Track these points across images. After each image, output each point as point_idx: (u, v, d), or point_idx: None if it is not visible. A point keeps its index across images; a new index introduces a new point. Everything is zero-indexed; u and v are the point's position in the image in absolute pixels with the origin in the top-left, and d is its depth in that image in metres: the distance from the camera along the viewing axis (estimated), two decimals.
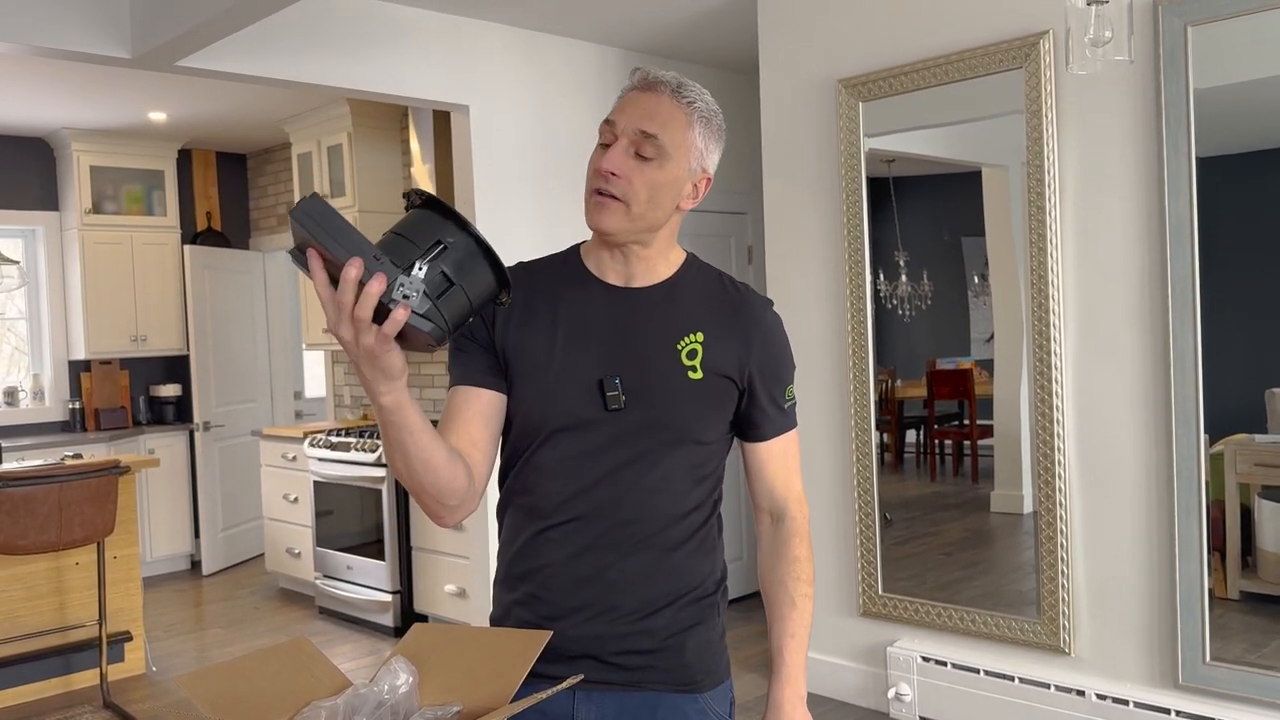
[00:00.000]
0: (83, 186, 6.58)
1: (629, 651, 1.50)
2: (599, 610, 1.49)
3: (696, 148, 1.49)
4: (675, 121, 1.47)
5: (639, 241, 1.51)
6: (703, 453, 1.53)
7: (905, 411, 4.30)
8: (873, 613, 4.01)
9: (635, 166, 1.45)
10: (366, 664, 4.88)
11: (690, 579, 1.53)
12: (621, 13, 4.54)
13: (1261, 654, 3.12)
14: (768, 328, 1.57)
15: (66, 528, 4.16)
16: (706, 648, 1.55)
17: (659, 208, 1.49)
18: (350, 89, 4.24)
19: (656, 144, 1.45)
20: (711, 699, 1.56)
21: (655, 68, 1.53)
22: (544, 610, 1.51)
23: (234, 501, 6.94)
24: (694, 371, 1.49)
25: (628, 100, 1.49)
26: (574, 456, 1.49)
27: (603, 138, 1.49)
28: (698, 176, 1.52)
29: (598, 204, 1.47)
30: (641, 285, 1.54)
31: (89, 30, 3.60)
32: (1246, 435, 3.20)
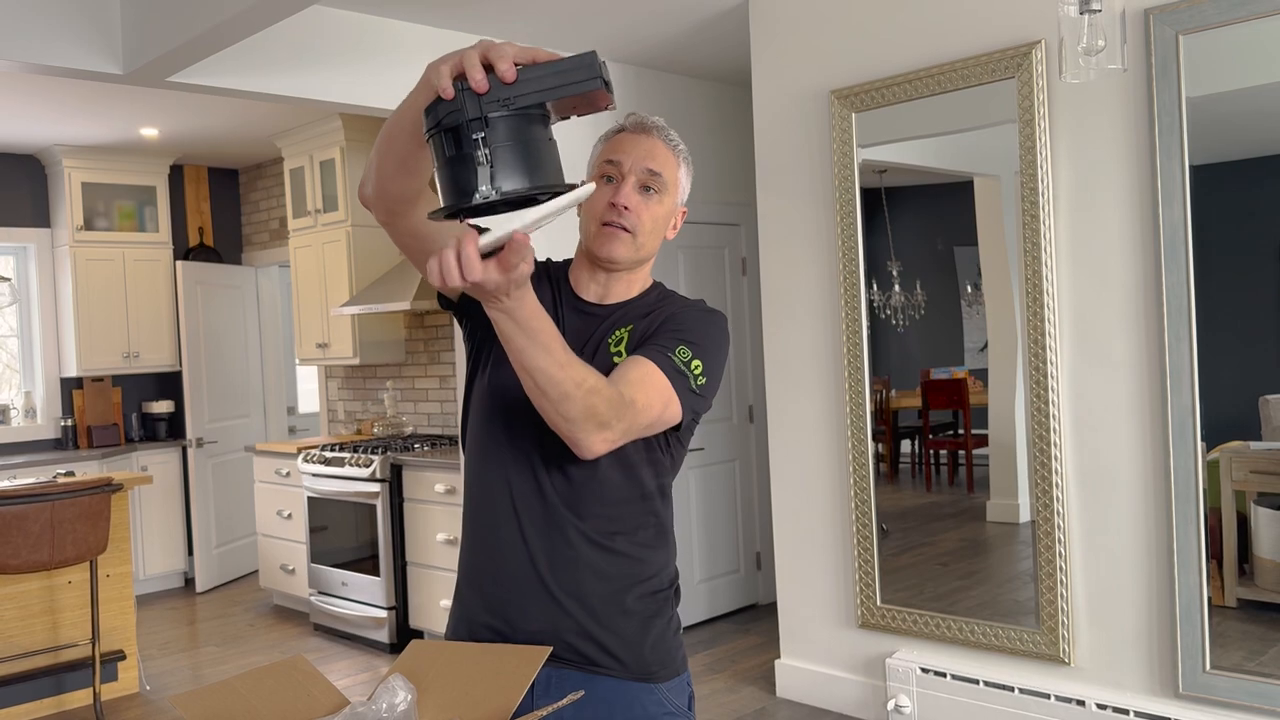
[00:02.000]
0: (74, 203, 6.57)
1: (585, 638, 1.55)
2: (551, 600, 1.55)
3: (682, 185, 1.68)
4: (670, 162, 1.64)
5: (629, 268, 1.64)
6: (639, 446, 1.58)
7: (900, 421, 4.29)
8: (871, 624, 3.99)
9: (643, 201, 1.61)
10: (362, 680, 4.84)
11: (643, 571, 1.60)
12: (614, 26, 4.55)
13: (1260, 661, 3.11)
14: (686, 308, 1.64)
15: (59, 546, 4.13)
16: (661, 640, 1.61)
17: (656, 238, 1.64)
18: (342, 103, 4.24)
19: (660, 180, 1.62)
20: (668, 690, 1.61)
21: (644, 115, 1.67)
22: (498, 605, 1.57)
23: (227, 518, 6.91)
24: (618, 356, 1.58)
25: (627, 141, 1.63)
26: (522, 455, 1.56)
27: (604, 173, 1.62)
28: (679, 211, 1.70)
29: (609, 235, 1.60)
30: (612, 302, 1.66)
31: (81, 46, 3.59)
32: (1241, 442, 3.20)
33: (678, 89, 5.43)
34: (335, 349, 6.03)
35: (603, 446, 1.43)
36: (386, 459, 5.26)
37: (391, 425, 6.11)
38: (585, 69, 1.19)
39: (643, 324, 1.62)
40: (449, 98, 1.15)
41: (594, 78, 1.19)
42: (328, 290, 6.05)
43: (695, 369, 1.54)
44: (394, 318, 6.06)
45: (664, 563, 1.64)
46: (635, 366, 1.50)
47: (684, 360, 1.53)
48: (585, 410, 1.38)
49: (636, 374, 1.49)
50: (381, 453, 5.32)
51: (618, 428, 1.43)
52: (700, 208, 5.50)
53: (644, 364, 1.50)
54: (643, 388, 1.48)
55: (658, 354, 1.52)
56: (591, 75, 1.19)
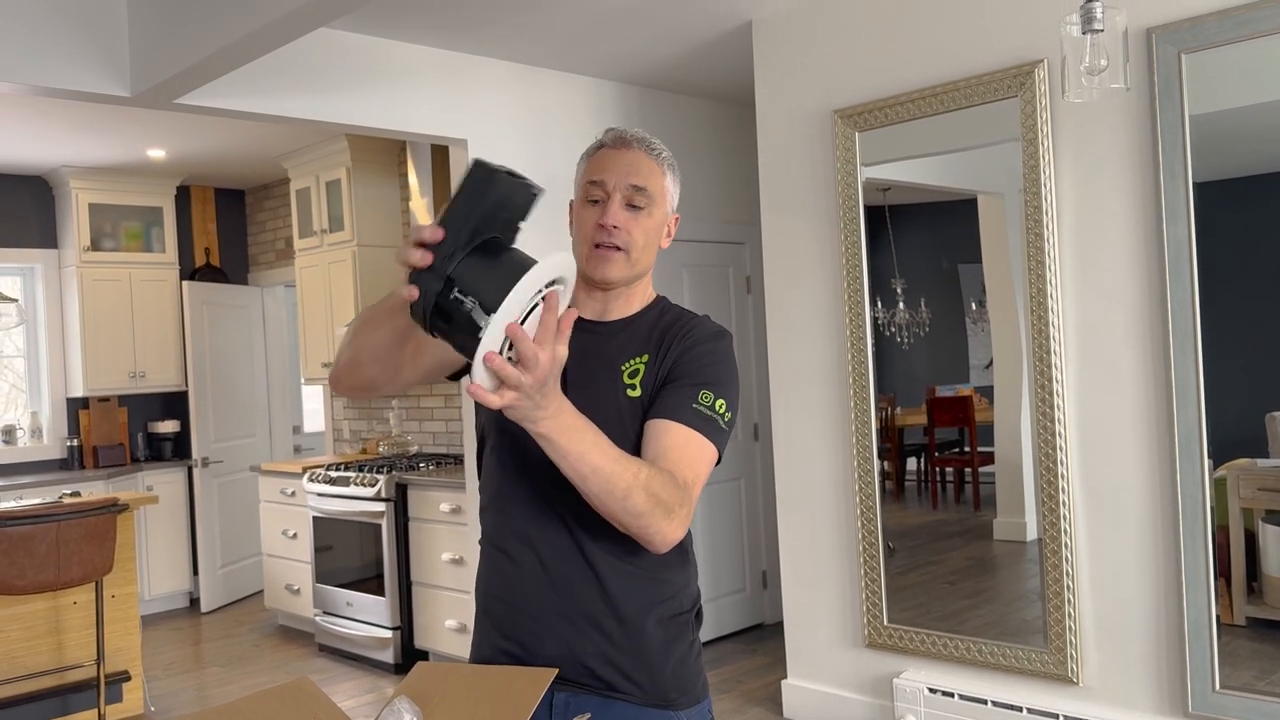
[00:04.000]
0: (81, 224, 6.59)
1: (604, 662, 1.53)
2: (570, 623, 1.53)
3: (670, 193, 1.65)
4: (654, 173, 1.61)
5: (626, 284, 1.63)
6: None
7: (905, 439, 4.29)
8: (878, 644, 3.97)
9: (631, 217, 1.59)
10: (367, 701, 4.83)
11: (662, 593, 1.57)
12: (618, 47, 4.57)
13: (1271, 681, 3.09)
14: (697, 340, 1.60)
15: (65, 567, 4.13)
16: (681, 666, 1.58)
17: (650, 251, 1.63)
18: (348, 124, 4.26)
19: (646, 195, 1.59)
20: (688, 718, 1.58)
21: (622, 129, 1.66)
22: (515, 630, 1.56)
23: (233, 538, 6.90)
24: (633, 390, 1.57)
25: (607, 159, 1.61)
26: (536, 478, 1.54)
27: (590, 195, 1.61)
28: (670, 219, 1.67)
29: (601, 256, 1.59)
30: (609, 320, 1.65)
31: (88, 69, 3.62)
32: (1249, 460, 3.19)
33: (682, 109, 5.45)
34: None
35: (678, 532, 1.44)
36: (392, 478, 5.26)
37: (397, 444, 6.10)
38: (482, 180, 1.27)
39: (657, 358, 1.58)
40: (414, 297, 1.23)
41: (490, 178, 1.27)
42: (333, 310, 6.07)
43: (720, 409, 1.54)
44: None
45: (684, 583, 1.61)
46: (669, 435, 1.50)
47: (708, 405, 1.53)
48: (650, 500, 1.39)
49: (676, 445, 1.49)
50: (387, 472, 5.32)
51: (683, 509, 1.44)
52: (705, 226, 5.51)
53: (676, 430, 1.50)
54: (687, 458, 1.48)
55: (684, 411, 1.51)
56: (488, 182, 1.27)
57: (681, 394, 1.53)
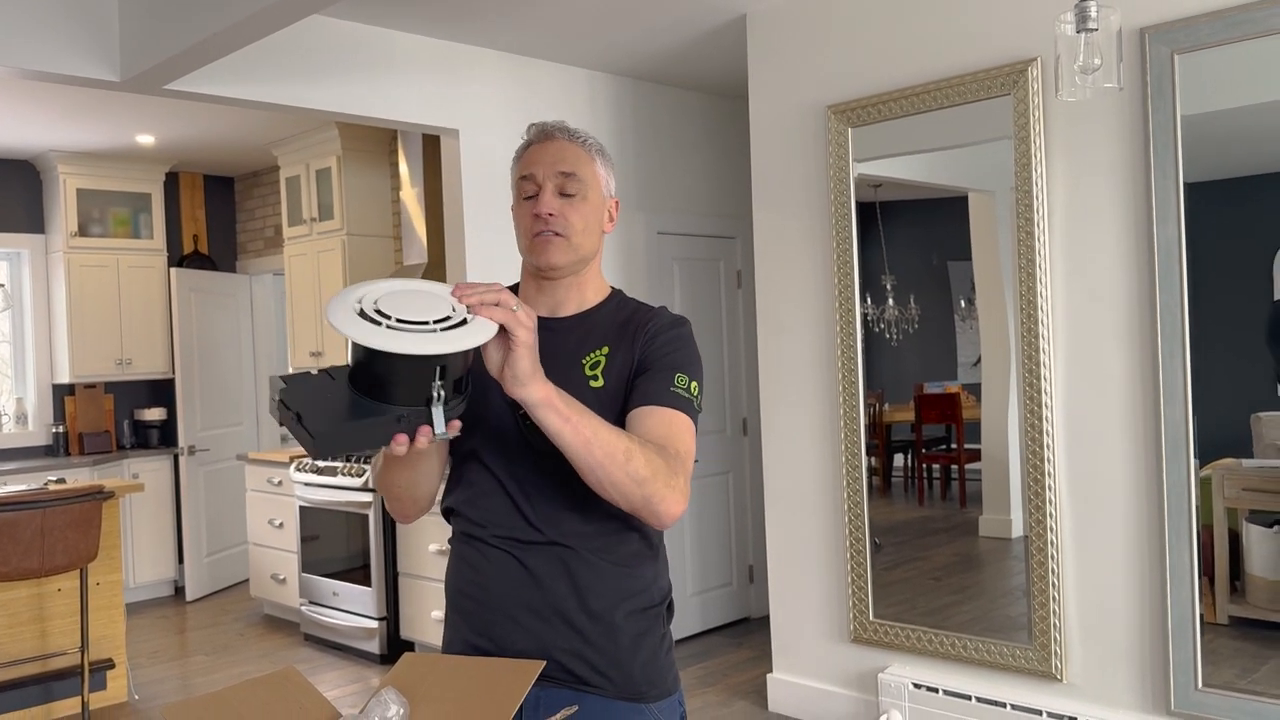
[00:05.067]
0: (69, 209, 6.55)
1: (574, 655, 1.54)
2: (539, 617, 1.54)
3: (602, 177, 1.66)
4: (581, 159, 1.63)
5: (574, 272, 1.64)
6: None
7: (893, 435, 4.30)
8: (864, 639, 3.99)
9: (566, 204, 1.60)
10: (352, 691, 4.82)
11: (632, 586, 1.58)
12: (612, 39, 4.56)
13: (1253, 679, 3.11)
14: (663, 329, 1.63)
15: (49, 554, 4.11)
16: (652, 659, 1.59)
17: (591, 236, 1.63)
18: (339, 113, 4.24)
19: (576, 180, 1.61)
20: (659, 710, 1.59)
21: (542, 122, 1.68)
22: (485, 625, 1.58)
23: (218, 526, 6.88)
24: (595, 380, 1.58)
25: (533, 154, 1.63)
26: (502, 477, 1.57)
27: (524, 192, 1.63)
28: (609, 203, 1.68)
29: (542, 243, 1.60)
30: (567, 314, 1.66)
31: (78, 53, 3.59)
32: (1234, 460, 3.20)
33: (675, 102, 5.44)
34: (330, 358, 6.01)
35: (680, 504, 1.47)
36: None
37: None
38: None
39: (620, 349, 1.60)
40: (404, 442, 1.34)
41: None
42: (322, 298, 6.04)
43: (693, 390, 1.58)
44: None
45: (653, 577, 1.62)
46: (653, 416, 1.53)
47: (684, 387, 1.57)
48: (650, 465, 1.42)
49: (662, 424, 1.52)
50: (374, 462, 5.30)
51: (679, 478, 1.48)
52: (696, 220, 5.50)
53: (659, 412, 1.53)
54: (675, 434, 1.52)
55: (664, 395, 1.55)
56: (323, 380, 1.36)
57: (658, 380, 1.56)
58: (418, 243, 5.66)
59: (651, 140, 5.32)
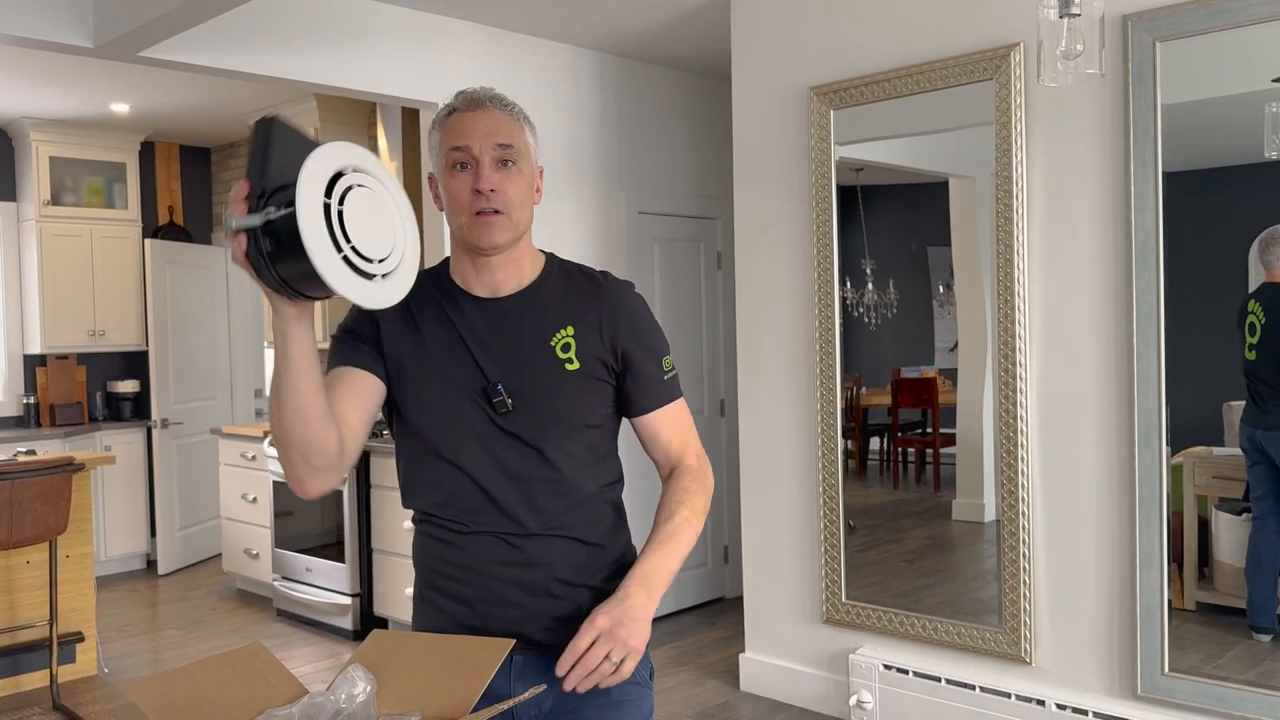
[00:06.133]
0: (41, 177, 6.46)
1: (560, 621, 1.55)
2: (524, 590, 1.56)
3: (532, 146, 1.62)
4: (515, 128, 1.59)
5: (511, 246, 1.60)
6: (596, 435, 1.64)
7: (869, 419, 4.31)
8: (835, 620, 4.01)
9: (504, 177, 1.55)
10: (324, 667, 4.81)
11: (606, 554, 1.63)
12: (595, 15, 4.52)
13: (1217, 665, 3.15)
14: (631, 308, 1.66)
15: (17, 526, 4.07)
16: None
17: (526, 209, 1.60)
18: (317, 84, 4.19)
19: (514, 150, 1.57)
20: None
21: (469, 90, 1.61)
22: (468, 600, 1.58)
23: (191, 500, 6.83)
24: (570, 363, 1.59)
25: (464, 124, 1.56)
26: (479, 478, 1.56)
27: (455, 161, 1.56)
28: (536, 171, 1.64)
29: (484, 223, 1.54)
30: (508, 293, 1.62)
31: (50, 18, 3.52)
32: (1205, 448, 3.23)
33: (658, 80, 5.41)
34: None
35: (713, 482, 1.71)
36: None
37: None
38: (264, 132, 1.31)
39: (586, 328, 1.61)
40: (242, 245, 1.32)
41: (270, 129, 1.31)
42: None
43: (672, 364, 1.71)
44: None
45: (624, 545, 1.68)
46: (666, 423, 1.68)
47: (669, 368, 1.69)
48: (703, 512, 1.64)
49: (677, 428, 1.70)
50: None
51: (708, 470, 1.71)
52: (677, 200, 5.48)
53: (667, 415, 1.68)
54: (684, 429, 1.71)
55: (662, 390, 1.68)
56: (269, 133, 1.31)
57: (651, 374, 1.65)
58: None
59: (634, 118, 5.29)
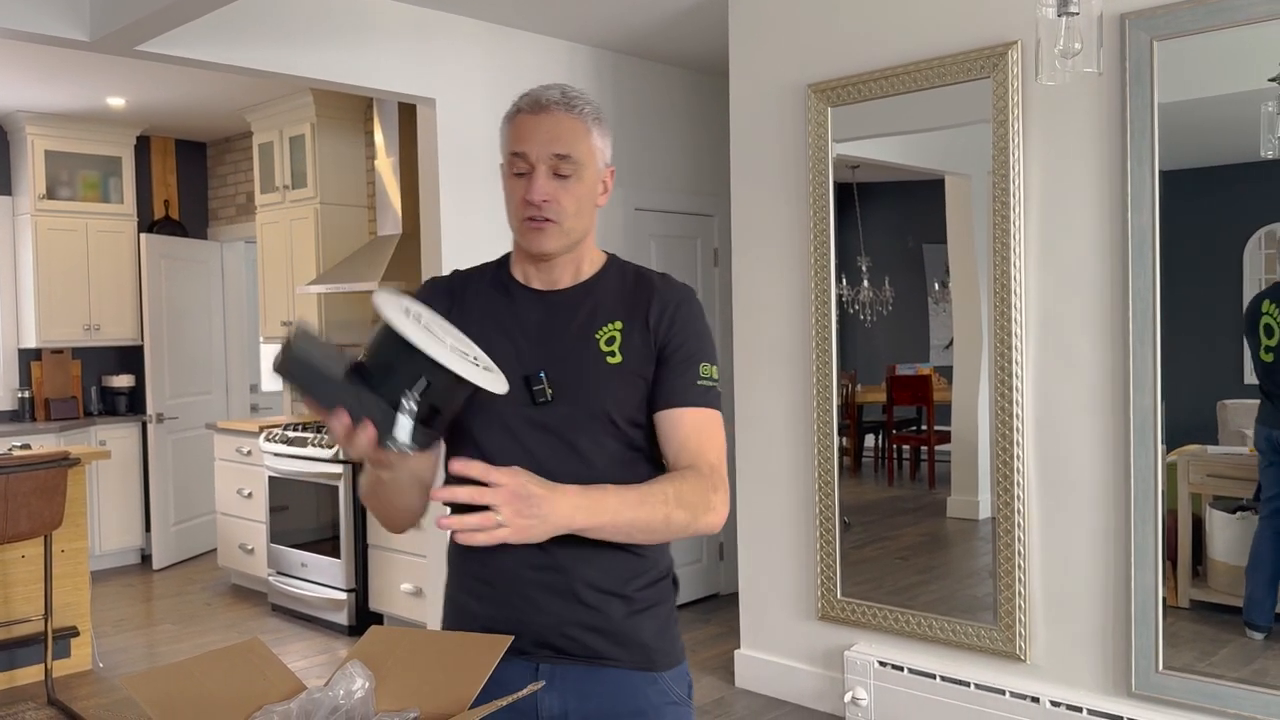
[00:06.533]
0: (37, 171, 6.44)
1: (589, 630, 1.54)
2: (554, 595, 1.53)
3: (599, 149, 1.59)
4: (577, 134, 1.55)
5: (568, 251, 1.60)
6: (637, 435, 1.58)
7: (864, 416, 4.32)
8: (831, 616, 4.01)
9: (559, 187, 1.54)
10: (319, 663, 4.81)
11: (643, 562, 1.58)
12: (592, 10, 4.52)
13: (1211, 662, 3.16)
14: (680, 310, 1.61)
15: (12, 520, 4.06)
16: (664, 629, 1.61)
17: (585, 216, 1.58)
18: (314, 79, 4.18)
19: (571, 161, 1.54)
20: (670, 679, 1.60)
21: (538, 89, 1.58)
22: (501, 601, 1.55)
23: (186, 495, 6.83)
24: (612, 356, 1.56)
25: (524, 127, 1.55)
26: (511, 454, 1.52)
27: (515, 169, 1.56)
28: (605, 174, 1.62)
29: (535, 230, 1.55)
30: (564, 287, 1.63)
31: (47, 11, 3.51)
32: (1199, 446, 3.24)
33: (655, 77, 5.40)
34: None
35: (721, 514, 1.54)
36: None
37: None
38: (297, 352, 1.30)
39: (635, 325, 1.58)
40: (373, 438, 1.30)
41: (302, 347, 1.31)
42: (294, 268, 5.98)
43: (714, 374, 1.61)
44: (361, 298, 6.00)
45: (661, 552, 1.63)
46: (684, 424, 1.56)
47: (707, 376, 1.59)
48: (686, 511, 1.48)
49: (693, 433, 1.56)
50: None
51: (718, 493, 1.53)
52: (674, 197, 5.48)
53: (688, 418, 1.56)
54: (705, 440, 1.56)
55: (691, 394, 1.57)
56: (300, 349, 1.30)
57: (684, 376, 1.57)
58: (392, 213, 5.61)
59: (631, 115, 5.28)
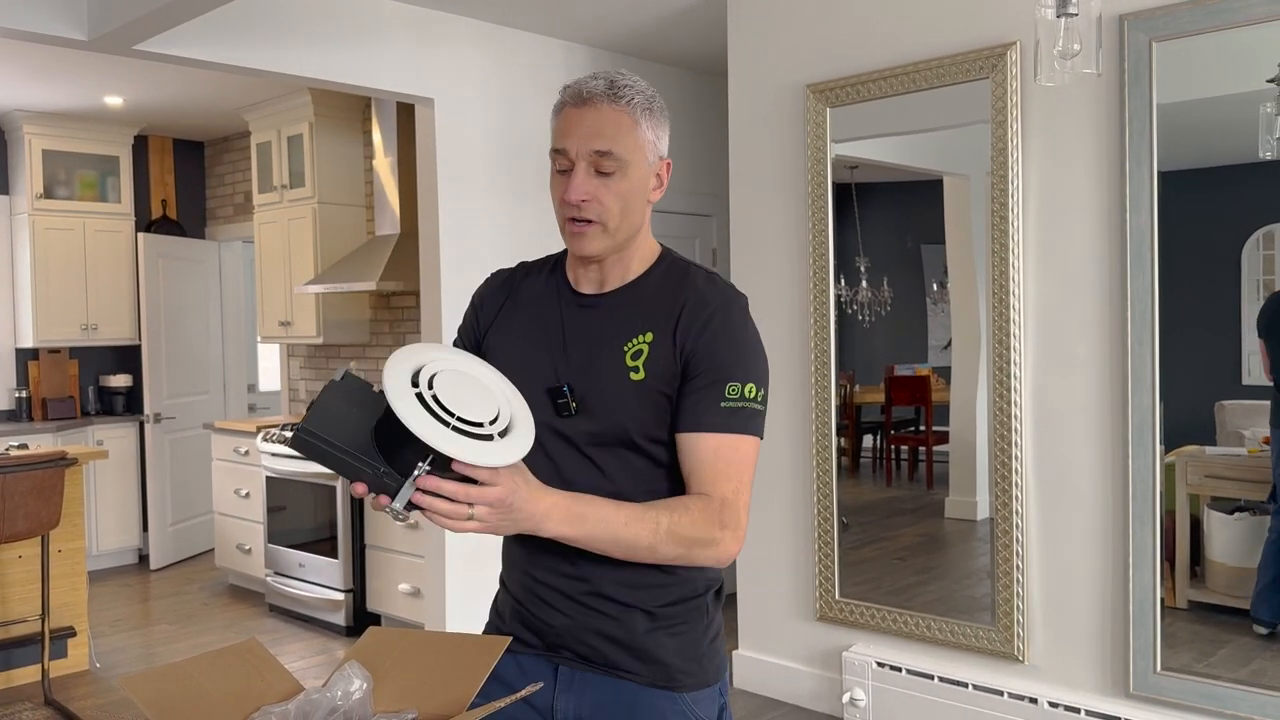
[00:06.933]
0: (34, 170, 6.43)
1: (608, 640, 1.51)
2: (576, 601, 1.51)
3: (649, 141, 1.49)
4: (622, 127, 1.45)
5: (616, 251, 1.53)
6: (662, 452, 1.50)
7: (863, 416, 4.31)
8: (829, 617, 4.01)
9: (601, 185, 1.45)
10: (317, 663, 4.81)
11: (672, 579, 1.52)
12: (590, 10, 4.51)
13: (1209, 663, 3.16)
14: (710, 316, 1.49)
15: (9, 520, 4.05)
16: (691, 648, 1.53)
17: (633, 214, 1.50)
18: (312, 78, 4.17)
19: (614, 158, 1.45)
20: (694, 701, 1.53)
21: (583, 79, 1.50)
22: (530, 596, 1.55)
23: (184, 495, 6.82)
24: (636, 373, 1.48)
25: (568, 121, 1.47)
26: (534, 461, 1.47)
27: (558, 165, 1.48)
28: (658, 167, 1.52)
29: (577, 233, 1.48)
30: (612, 288, 1.55)
31: (45, 10, 3.51)
32: (1197, 447, 3.24)
33: (653, 77, 5.40)
34: (298, 327, 5.96)
35: (730, 550, 1.44)
36: None
37: None
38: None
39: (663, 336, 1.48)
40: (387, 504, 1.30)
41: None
42: (292, 267, 5.98)
43: (750, 394, 1.47)
44: (359, 297, 5.99)
45: (697, 570, 1.54)
46: (698, 450, 1.45)
47: (736, 396, 1.45)
48: (679, 544, 1.40)
49: (706, 461, 1.44)
50: None
51: (727, 530, 1.43)
52: (672, 197, 5.48)
53: (703, 443, 1.44)
54: (720, 470, 1.44)
55: (710, 415, 1.44)
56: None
57: (705, 396, 1.45)
58: (390, 213, 5.61)
59: None
